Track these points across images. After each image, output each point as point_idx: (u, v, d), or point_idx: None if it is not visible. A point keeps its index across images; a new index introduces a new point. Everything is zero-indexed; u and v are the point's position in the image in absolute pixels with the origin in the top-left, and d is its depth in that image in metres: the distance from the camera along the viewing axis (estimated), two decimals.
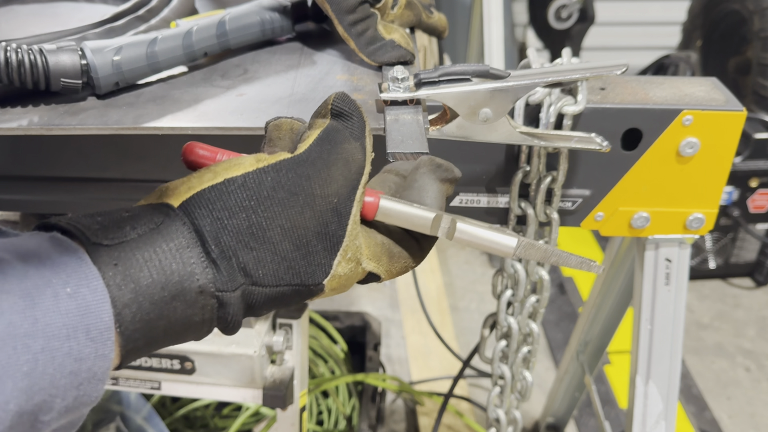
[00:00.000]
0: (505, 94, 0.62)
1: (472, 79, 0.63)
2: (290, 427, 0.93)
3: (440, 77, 0.62)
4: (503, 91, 0.62)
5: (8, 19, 0.88)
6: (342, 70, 0.72)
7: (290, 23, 0.77)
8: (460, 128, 0.64)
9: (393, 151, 0.55)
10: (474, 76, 0.63)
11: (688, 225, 0.80)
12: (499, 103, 0.63)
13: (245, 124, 0.61)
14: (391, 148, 0.55)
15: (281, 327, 0.88)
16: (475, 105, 0.63)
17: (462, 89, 0.62)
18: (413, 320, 2.06)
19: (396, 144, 0.56)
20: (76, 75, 0.62)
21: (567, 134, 0.68)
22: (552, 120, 0.70)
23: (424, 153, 0.55)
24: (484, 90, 0.62)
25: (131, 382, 0.88)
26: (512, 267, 0.84)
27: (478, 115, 0.63)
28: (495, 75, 0.62)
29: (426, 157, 0.52)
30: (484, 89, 0.62)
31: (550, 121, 0.70)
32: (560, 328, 2.03)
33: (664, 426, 0.91)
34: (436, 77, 0.62)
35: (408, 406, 1.79)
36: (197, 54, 0.70)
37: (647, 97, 0.73)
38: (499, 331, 0.92)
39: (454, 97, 0.62)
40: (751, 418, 1.76)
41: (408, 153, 0.55)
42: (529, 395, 0.99)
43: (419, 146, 0.56)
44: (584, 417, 1.73)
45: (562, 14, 2.16)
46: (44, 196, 0.80)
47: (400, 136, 0.57)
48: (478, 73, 0.63)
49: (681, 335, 0.89)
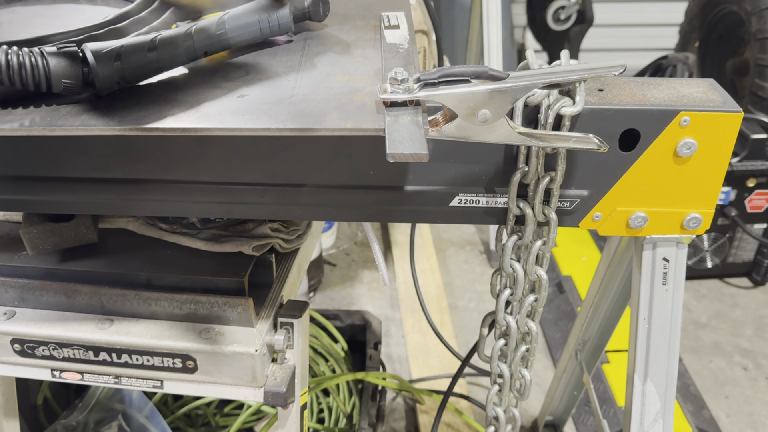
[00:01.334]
0: (504, 95, 0.63)
1: (471, 80, 0.63)
2: (291, 426, 0.94)
3: (440, 78, 0.63)
4: (502, 92, 0.63)
5: (10, 20, 0.88)
6: (342, 71, 0.73)
7: (289, 22, 0.78)
8: (459, 129, 0.65)
9: (393, 152, 0.56)
10: (473, 77, 0.63)
11: (686, 225, 0.81)
12: (497, 103, 0.63)
13: (247, 125, 0.62)
14: (391, 149, 0.56)
15: (282, 326, 0.88)
16: (474, 106, 0.63)
17: (461, 90, 0.62)
18: (413, 319, 2.06)
19: (395, 145, 0.56)
20: (77, 76, 0.63)
21: (565, 135, 0.68)
22: (550, 121, 0.71)
23: (423, 154, 0.55)
24: (483, 91, 0.63)
25: (133, 381, 0.88)
26: (511, 267, 0.84)
27: (477, 116, 0.64)
28: (494, 76, 0.63)
29: None
30: (483, 90, 0.63)
31: (548, 122, 0.71)
32: (559, 327, 2.04)
33: (661, 424, 0.92)
34: (435, 78, 0.63)
35: (408, 405, 1.79)
36: (197, 53, 0.71)
37: (645, 98, 0.73)
38: (498, 330, 0.93)
39: (454, 98, 0.63)
40: (748, 416, 1.76)
41: (407, 154, 0.55)
42: (528, 394, 1.00)
43: (418, 147, 0.56)
44: (583, 415, 1.73)
45: (560, 16, 2.17)
46: (46, 196, 0.80)
47: (400, 137, 0.57)
48: (477, 75, 0.63)
49: (678, 334, 0.89)
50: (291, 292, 0.97)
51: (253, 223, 0.91)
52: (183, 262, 0.89)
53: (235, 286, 0.87)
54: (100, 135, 0.62)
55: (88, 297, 0.88)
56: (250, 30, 0.75)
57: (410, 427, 1.73)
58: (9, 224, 0.98)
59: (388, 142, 0.56)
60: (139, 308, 0.87)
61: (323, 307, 2.19)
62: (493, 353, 0.94)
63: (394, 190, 0.77)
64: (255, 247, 0.89)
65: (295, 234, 0.95)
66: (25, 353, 0.88)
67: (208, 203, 0.79)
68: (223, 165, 0.76)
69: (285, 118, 0.62)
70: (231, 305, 0.85)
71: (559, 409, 1.64)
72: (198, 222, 0.90)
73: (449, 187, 0.77)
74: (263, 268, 0.92)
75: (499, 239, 0.85)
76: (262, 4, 0.76)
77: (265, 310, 0.89)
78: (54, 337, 0.86)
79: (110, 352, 0.86)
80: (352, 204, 0.79)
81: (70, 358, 0.87)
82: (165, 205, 0.81)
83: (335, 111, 0.63)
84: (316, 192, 0.78)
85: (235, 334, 0.85)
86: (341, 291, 2.27)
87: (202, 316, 0.86)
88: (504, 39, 2.11)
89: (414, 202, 0.78)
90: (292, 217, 0.81)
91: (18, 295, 0.89)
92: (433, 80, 0.63)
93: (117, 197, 0.80)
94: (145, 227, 0.93)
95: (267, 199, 0.78)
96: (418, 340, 1.98)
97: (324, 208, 0.79)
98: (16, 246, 0.93)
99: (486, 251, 2.43)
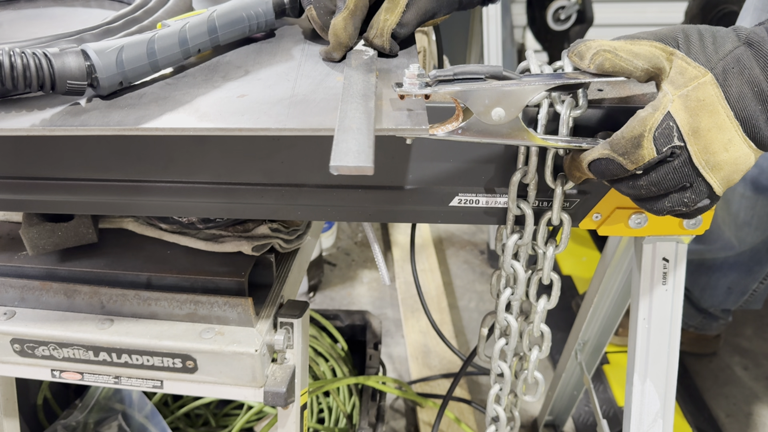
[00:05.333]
0: (518, 95, 0.64)
1: (486, 78, 0.64)
2: (291, 426, 0.94)
3: (455, 76, 0.64)
4: (516, 92, 0.64)
5: (4, 21, 0.89)
6: (342, 71, 0.73)
7: (272, 18, 0.80)
8: (470, 129, 0.66)
9: (336, 164, 0.52)
10: (488, 76, 0.64)
11: (685, 225, 0.81)
12: (511, 103, 0.64)
13: (247, 125, 0.62)
14: (335, 161, 0.52)
15: (282, 326, 0.88)
16: (489, 104, 0.64)
17: (478, 87, 0.63)
18: (413, 319, 2.07)
19: (340, 157, 0.52)
20: (81, 77, 0.63)
21: (578, 138, 0.69)
22: (568, 125, 0.70)
23: (368, 167, 0.52)
24: (498, 89, 0.63)
25: (133, 381, 0.88)
26: (511, 266, 0.84)
27: (491, 115, 0.64)
28: (507, 77, 0.64)
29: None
30: (498, 88, 0.63)
31: (567, 126, 0.70)
32: (558, 327, 2.03)
33: (661, 424, 0.92)
34: (451, 75, 0.64)
35: (408, 405, 1.80)
36: (191, 51, 0.72)
37: (645, 98, 0.73)
38: (499, 330, 0.93)
39: (471, 94, 0.64)
40: (748, 417, 1.76)
41: (351, 166, 0.52)
42: (540, 393, 1.00)
43: (364, 159, 0.52)
44: (583, 415, 1.73)
45: (560, 16, 2.17)
46: (46, 196, 0.80)
47: (346, 148, 0.54)
48: (492, 74, 0.64)
49: (678, 334, 0.89)
50: (291, 292, 0.97)
51: (253, 223, 0.91)
52: (183, 262, 0.89)
53: (235, 286, 0.87)
54: (99, 135, 0.62)
55: (88, 297, 0.88)
56: (239, 27, 0.77)
57: (410, 427, 1.73)
58: (9, 224, 0.98)
59: (333, 153, 0.53)
60: (139, 308, 0.87)
61: (323, 307, 2.20)
62: (494, 353, 0.94)
63: (394, 190, 0.77)
64: (255, 247, 0.89)
65: (295, 234, 0.95)
66: (25, 353, 0.88)
67: (208, 203, 0.79)
68: (223, 165, 0.76)
69: (285, 118, 0.62)
70: (231, 305, 0.85)
71: (559, 409, 1.64)
72: (198, 222, 0.90)
73: (449, 187, 0.77)
74: (263, 268, 0.92)
75: (499, 239, 0.85)
76: (248, 1, 0.78)
77: (265, 310, 0.89)
78: (54, 337, 0.86)
79: (110, 352, 0.86)
80: (352, 204, 0.79)
81: (70, 358, 0.87)
82: (165, 205, 0.81)
83: (335, 111, 0.63)
84: (316, 192, 0.78)
85: (235, 334, 0.85)
86: (341, 291, 2.27)
87: (202, 316, 0.87)
88: (504, 39, 2.11)
89: (414, 202, 0.78)
90: (292, 217, 0.81)
91: (18, 295, 0.89)
92: (448, 77, 0.64)
93: (117, 197, 0.80)
94: (145, 227, 0.93)
95: (267, 199, 0.78)
96: (418, 340, 1.98)
97: (324, 208, 0.79)
98: (16, 246, 0.93)
99: (486, 251, 2.43)
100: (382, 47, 0.74)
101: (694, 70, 0.61)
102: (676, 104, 0.61)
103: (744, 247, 1.59)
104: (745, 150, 0.62)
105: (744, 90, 0.60)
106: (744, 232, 1.55)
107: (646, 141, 0.61)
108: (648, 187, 0.64)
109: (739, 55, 0.61)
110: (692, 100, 0.61)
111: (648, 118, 0.62)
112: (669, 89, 0.62)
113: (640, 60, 0.62)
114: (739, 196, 1.49)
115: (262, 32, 0.82)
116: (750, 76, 0.60)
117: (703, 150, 0.61)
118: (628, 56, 0.62)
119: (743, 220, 1.53)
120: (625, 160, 0.63)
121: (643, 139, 0.62)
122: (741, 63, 0.61)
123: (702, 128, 0.61)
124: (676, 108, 0.61)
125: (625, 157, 0.63)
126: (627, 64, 0.63)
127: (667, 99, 0.62)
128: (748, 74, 0.60)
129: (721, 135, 0.61)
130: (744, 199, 1.49)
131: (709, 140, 0.61)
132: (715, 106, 0.61)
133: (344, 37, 0.72)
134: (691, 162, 0.62)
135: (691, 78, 0.61)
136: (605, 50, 0.63)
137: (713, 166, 0.62)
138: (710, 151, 0.62)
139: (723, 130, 0.61)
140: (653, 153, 0.62)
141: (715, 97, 0.61)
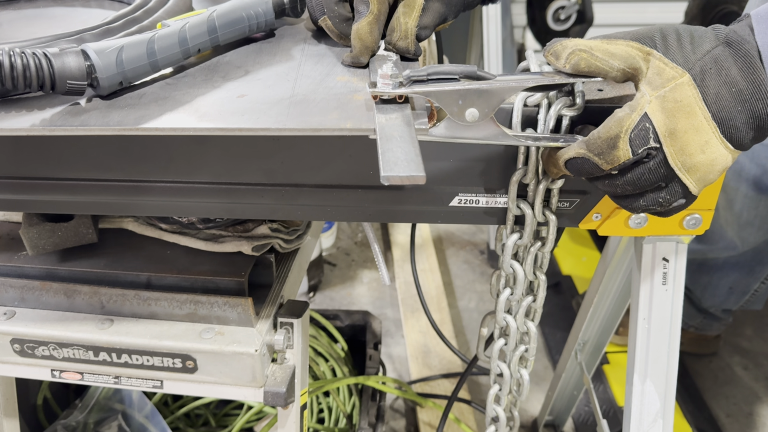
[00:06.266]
0: (491, 95, 0.64)
1: (460, 78, 0.64)
2: (291, 426, 0.94)
3: (429, 76, 0.63)
4: (489, 91, 0.63)
5: (4, 21, 0.89)
6: (342, 71, 0.73)
7: (272, 18, 0.80)
8: (447, 129, 0.65)
9: (388, 174, 0.53)
10: (462, 76, 0.64)
11: (685, 225, 0.81)
12: (485, 103, 0.64)
13: (247, 125, 0.62)
14: (386, 171, 0.53)
15: (282, 326, 0.88)
16: (462, 104, 0.64)
17: (450, 88, 0.63)
18: (413, 319, 2.07)
19: (390, 166, 0.54)
20: (81, 77, 0.63)
21: (552, 136, 0.69)
22: (551, 121, 0.70)
23: (420, 176, 0.53)
24: (471, 89, 0.63)
25: (133, 381, 0.88)
26: (511, 266, 0.84)
27: (465, 115, 0.64)
28: (481, 77, 0.64)
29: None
30: (472, 88, 0.63)
31: (549, 123, 0.70)
32: (558, 327, 2.03)
33: (661, 424, 0.92)
34: (425, 76, 0.63)
35: (408, 405, 1.80)
36: (191, 51, 0.72)
37: None
38: (498, 330, 0.93)
39: (443, 95, 0.63)
40: (748, 417, 1.77)
41: (404, 176, 0.53)
42: (526, 394, 1.00)
43: (414, 169, 0.54)
44: (583, 415, 1.74)
45: (560, 16, 2.17)
46: (46, 196, 0.80)
47: (394, 158, 0.55)
48: (466, 74, 0.64)
49: (678, 334, 0.90)
50: (291, 292, 0.97)
51: (253, 223, 0.91)
52: (183, 262, 0.89)
53: (235, 286, 0.87)
54: (100, 135, 0.62)
55: (88, 297, 0.88)
56: (238, 27, 0.77)
57: (410, 427, 1.73)
58: (9, 224, 0.98)
59: (382, 164, 0.54)
60: (139, 308, 0.87)
61: (323, 307, 2.20)
62: (493, 353, 0.94)
63: (394, 190, 0.78)
64: (255, 247, 0.89)
65: (295, 234, 0.95)
66: (25, 353, 0.88)
67: (208, 203, 0.80)
68: (223, 165, 0.76)
69: (285, 118, 0.62)
70: (231, 305, 0.85)
71: (559, 408, 1.64)
72: (198, 222, 0.90)
73: (449, 187, 0.77)
74: (263, 268, 0.92)
75: (498, 239, 0.85)
76: (246, 1, 0.78)
77: (265, 310, 0.89)
78: (54, 337, 0.86)
79: (110, 352, 0.86)
80: (352, 204, 0.79)
81: (70, 358, 0.87)
82: (165, 205, 0.81)
83: (335, 111, 0.63)
84: (316, 192, 0.78)
85: (235, 334, 0.85)
86: (341, 291, 2.27)
87: (202, 316, 0.87)
88: (504, 39, 2.11)
89: (414, 202, 0.78)
90: (292, 217, 0.81)
91: (18, 295, 0.89)
92: (422, 77, 0.63)
93: (117, 197, 0.80)
94: (145, 227, 0.93)
95: (267, 199, 0.78)
96: (417, 340, 1.98)
97: (324, 208, 0.79)
98: (16, 246, 0.93)
99: (486, 251, 2.43)
100: (407, 49, 0.74)
101: (672, 71, 0.61)
102: (653, 105, 0.61)
103: (746, 247, 1.59)
104: (722, 151, 0.62)
105: (722, 91, 0.60)
106: (747, 232, 1.55)
107: (622, 142, 0.61)
108: (623, 186, 0.64)
109: (717, 55, 0.61)
110: (669, 101, 0.60)
111: (625, 118, 0.61)
112: (647, 90, 0.61)
113: (616, 60, 0.62)
114: (742, 196, 1.49)
115: (262, 32, 0.82)
116: (727, 76, 0.60)
117: (680, 152, 0.61)
118: (604, 56, 0.62)
119: (746, 220, 1.53)
120: (600, 161, 0.62)
121: (619, 140, 0.61)
122: (719, 63, 0.60)
123: (679, 130, 0.60)
124: (653, 109, 0.60)
125: (600, 158, 0.62)
126: (602, 64, 0.62)
127: (645, 100, 0.61)
128: (726, 75, 0.60)
129: (698, 137, 0.60)
130: (747, 200, 1.49)
131: (685, 142, 0.61)
132: (692, 108, 0.60)
133: (370, 41, 0.72)
134: (666, 163, 0.62)
135: (669, 79, 0.61)
136: (581, 50, 0.62)
137: (689, 167, 0.62)
138: (687, 152, 0.61)
139: (700, 132, 0.60)
140: (629, 154, 0.61)
141: (693, 98, 0.60)
